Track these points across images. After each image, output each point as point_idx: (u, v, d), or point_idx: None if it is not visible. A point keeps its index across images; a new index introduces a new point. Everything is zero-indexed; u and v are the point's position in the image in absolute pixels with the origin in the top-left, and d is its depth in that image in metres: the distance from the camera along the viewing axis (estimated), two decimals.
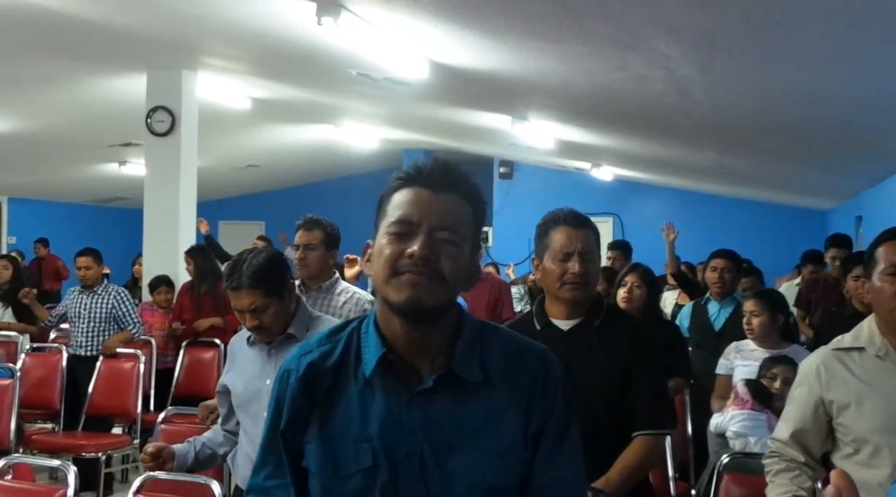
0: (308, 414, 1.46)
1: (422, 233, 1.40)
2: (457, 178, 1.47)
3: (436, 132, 11.21)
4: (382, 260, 1.41)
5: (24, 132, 9.40)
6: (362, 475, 1.41)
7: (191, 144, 7.25)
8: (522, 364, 1.48)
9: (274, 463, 1.50)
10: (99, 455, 5.32)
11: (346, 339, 1.50)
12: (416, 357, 1.44)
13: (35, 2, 5.18)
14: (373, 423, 1.42)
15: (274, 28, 5.48)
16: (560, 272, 2.44)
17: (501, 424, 1.43)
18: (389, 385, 1.43)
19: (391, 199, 1.46)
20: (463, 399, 1.43)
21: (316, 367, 1.48)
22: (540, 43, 5.18)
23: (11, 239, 13.40)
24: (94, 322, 5.95)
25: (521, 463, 1.44)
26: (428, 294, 1.38)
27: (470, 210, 1.47)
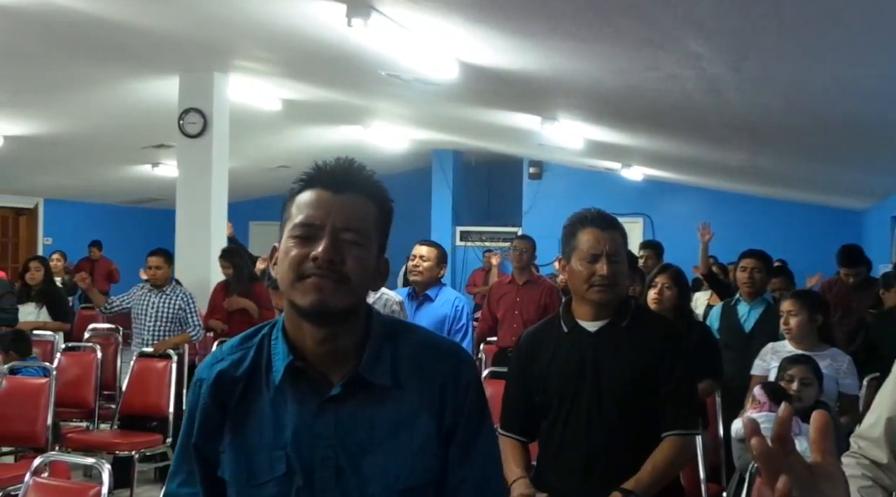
0: (220, 423, 1.46)
1: (325, 235, 1.39)
2: (358, 177, 1.45)
3: (465, 132, 11.21)
4: (287, 264, 1.40)
5: (60, 135, 9.53)
6: (277, 482, 1.42)
7: (222, 146, 7.31)
8: (433, 363, 1.47)
9: (187, 471, 1.50)
10: (132, 453, 5.38)
11: (258, 346, 1.49)
12: (325, 362, 1.43)
13: (71, 6, 5.25)
14: (286, 431, 1.42)
15: (304, 30, 5.51)
16: (587, 274, 2.42)
17: (414, 425, 1.43)
18: (300, 392, 1.43)
19: (294, 201, 1.45)
20: (374, 402, 1.42)
21: (226, 375, 1.47)
22: (570, 43, 5.16)
23: (48, 240, 13.59)
24: (161, 321, 6.04)
25: (435, 462, 1.44)
26: (332, 296, 1.37)
27: (374, 209, 1.45)
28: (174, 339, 6.04)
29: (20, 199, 13.33)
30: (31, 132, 9.34)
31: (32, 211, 13.74)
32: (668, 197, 13.53)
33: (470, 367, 1.51)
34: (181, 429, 1.52)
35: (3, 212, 13.44)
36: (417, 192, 14.23)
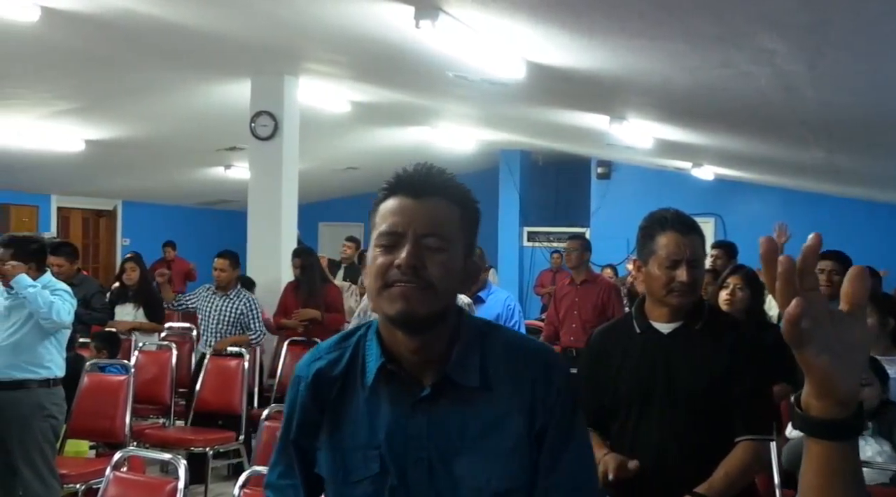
0: (318, 421, 1.50)
1: (408, 242, 1.40)
2: (438, 181, 1.46)
3: (532, 133, 11.17)
4: (373, 273, 1.42)
5: (137, 138, 9.81)
6: (371, 481, 1.45)
7: (292, 148, 7.42)
8: (524, 365, 1.47)
9: (286, 463, 1.55)
10: (206, 450, 5.50)
11: (354, 347, 1.51)
12: (416, 365, 1.45)
13: (147, 12, 5.40)
14: (380, 431, 1.45)
15: (372, 32, 5.56)
16: (667, 280, 2.37)
17: (505, 427, 1.43)
18: (393, 393, 1.45)
19: (378, 210, 1.47)
20: (464, 403, 1.44)
21: (324, 374, 1.50)
22: (639, 41, 5.10)
23: (126, 241, 13.99)
24: (223, 324, 6.19)
25: (527, 464, 1.44)
26: (418, 304, 1.38)
27: (458, 212, 1.46)
28: (233, 338, 6.16)
29: (100, 201, 13.76)
30: (111, 136, 9.63)
31: (112, 213, 14.16)
32: (740, 196, 13.26)
33: (560, 368, 1.50)
34: (283, 424, 1.57)
35: (85, 213, 13.88)
36: (485, 193, 14.07)
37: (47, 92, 7.82)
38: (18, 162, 10.09)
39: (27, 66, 6.93)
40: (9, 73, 7.14)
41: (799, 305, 0.85)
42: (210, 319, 6.22)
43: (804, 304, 0.85)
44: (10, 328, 4.43)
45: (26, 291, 4.30)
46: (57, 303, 4.39)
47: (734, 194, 13.26)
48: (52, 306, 4.36)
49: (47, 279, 4.55)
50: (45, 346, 4.47)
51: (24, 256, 4.44)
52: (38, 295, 4.32)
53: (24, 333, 4.42)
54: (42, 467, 4.41)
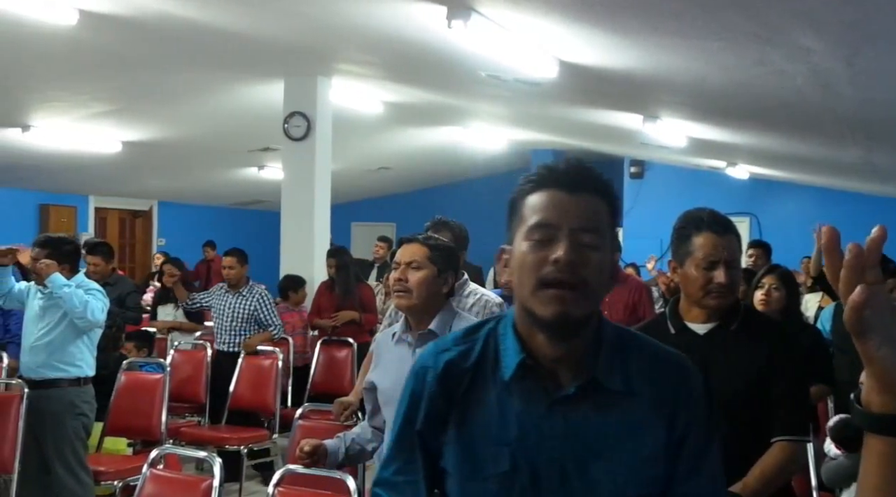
0: (446, 414, 1.44)
1: (563, 237, 1.35)
2: (591, 176, 1.42)
3: (564, 132, 11.13)
4: (526, 269, 1.37)
5: (172, 139, 9.92)
6: (500, 478, 1.39)
7: (325, 148, 7.46)
8: (664, 372, 1.43)
9: (404, 459, 1.49)
10: (241, 448, 5.54)
11: (484, 340, 1.46)
12: (556, 363, 1.41)
13: (182, 15, 5.46)
14: (512, 428, 1.39)
15: (405, 33, 5.58)
16: (704, 281, 2.34)
17: (643, 434, 1.39)
18: (528, 390, 1.40)
19: (525, 203, 1.42)
20: (605, 407, 1.39)
21: (454, 366, 1.45)
22: (673, 39, 5.06)
23: (161, 241, 14.15)
24: (238, 321, 6.24)
25: (663, 473, 1.39)
26: (574, 306, 1.34)
27: (606, 208, 1.41)
28: (258, 338, 6.20)
29: (136, 201, 13.93)
30: (146, 137, 9.75)
31: (147, 213, 14.33)
32: (775, 196, 13.10)
33: (699, 376, 1.47)
34: (399, 417, 1.51)
35: (122, 214, 14.06)
36: None
37: (85, 94, 7.94)
38: (58, 163, 10.26)
39: (66, 69, 7.04)
40: (48, 75, 7.26)
41: (863, 293, 0.84)
42: (224, 317, 6.27)
43: (868, 292, 0.84)
44: (44, 328, 4.50)
45: (62, 291, 4.35)
46: (91, 302, 4.45)
47: (769, 193, 13.11)
48: (88, 305, 4.41)
49: (80, 279, 4.61)
50: (77, 346, 4.53)
51: (58, 257, 4.50)
52: (73, 294, 4.38)
53: (58, 333, 4.49)
54: (74, 464, 4.47)
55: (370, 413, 2.96)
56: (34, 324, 4.53)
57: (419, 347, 2.77)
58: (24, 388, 4.36)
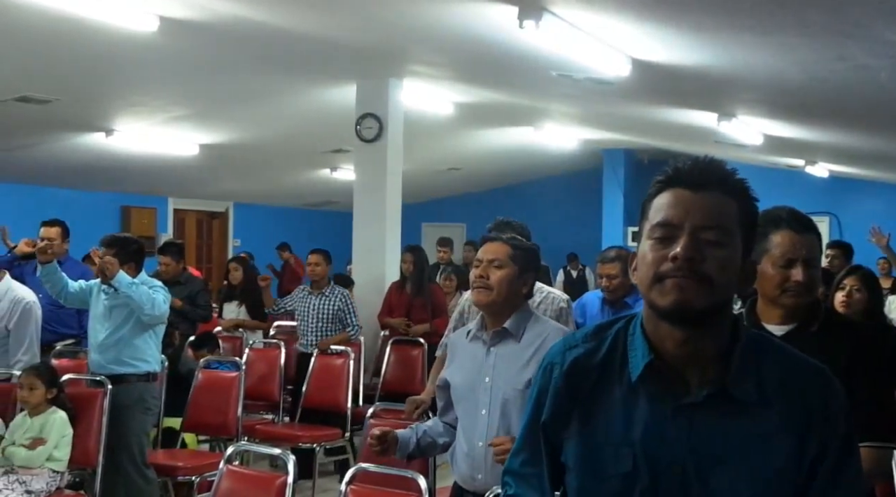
0: (570, 410, 1.45)
1: (684, 234, 1.35)
2: (718, 174, 1.40)
3: (636, 131, 11.00)
4: (646, 265, 1.37)
5: (248, 142, 10.12)
6: (621, 479, 1.39)
7: (396, 149, 7.52)
8: (801, 382, 1.38)
9: (531, 451, 1.51)
10: (314, 446, 5.62)
11: (613, 339, 1.46)
12: (684, 365, 1.38)
13: (256, 19, 5.57)
14: (636, 429, 1.39)
15: (476, 34, 5.58)
16: (781, 279, 2.29)
17: (773, 445, 1.35)
18: (655, 392, 1.39)
19: (652, 204, 1.42)
20: (733, 414, 1.36)
21: (581, 363, 1.46)
22: (749, 36, 4.95)
23: (236, 241, 14.45)
24: (322, 322, 6.34)
25: (791, 489, 1.34)
26: (694, 296, 1.32)
27: (736, 207, 1.39)
28: (335, 338, 6.28)
29: (213, 203, 14.25)
30: (222, 140, 9.97)
31: (223, 214, 14.64)
32: (856, 195, 12.71)
33: (838, 390, 1.41)
34: (527, 410, 1.53)
35: (199, 215, 14.40)
36: (587, 193, 14.07)
37: (165, 98, 8.16)
38: (139, 166, 10.56)
39: (146, 74, 7.25)
40: (130, 81, 7.49)
41: None
42: (308, 318, 6.36)
43: None
44: (111, 326, 4.63)
45: (129, 289, 4.47)
46: (157, 297, 4.58)
47: (850, 192, 12.73)
48: (154, 302, 4.53)
49: (143, 278, 4.73)
50: (144, 341, 4.66)
51: (123, 256, 4.62)
52: (139, 292, 4.50)
53: (126, 330, 4.61)
54: (139, 459, 4.59)
55: (442, 409, 2.96)
56: (101, 322, 4.66)
57: (493, 346, 2.76)
58: (108, 384, 4.49)
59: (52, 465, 4.16)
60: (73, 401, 4.40)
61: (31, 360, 4.73)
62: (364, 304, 7.17)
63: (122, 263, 4.55)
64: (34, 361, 4.72)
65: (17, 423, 4.27)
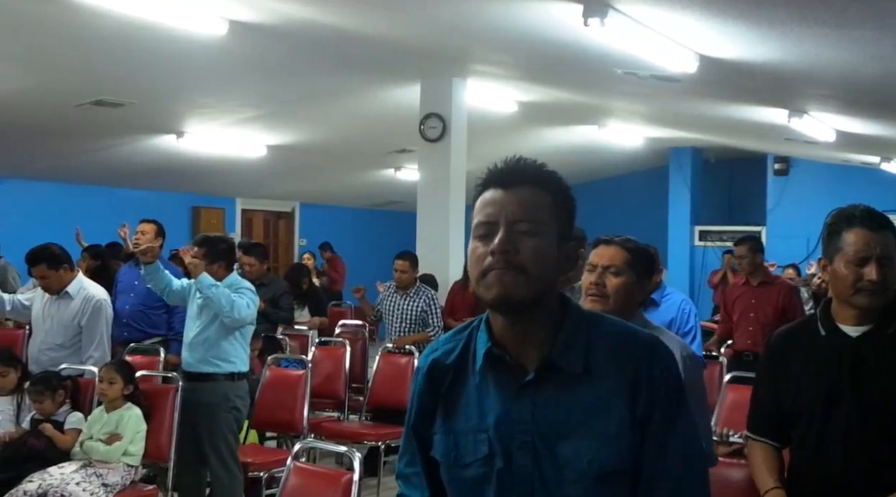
0: (433, 408, 1.58)
1: (501, 229, 1.46)
2: (528, 171, 1.51)
3: (703, 129, 10.82)
4: (472, 263, 1.49)
5: (313, 142, 10.25)
6: (480, 463, 1.51)
7: (460, 149, 7.53)
8: (627, 352, 1.50)
9: (411, 452, 1.64)
10: (379, 444, 5.66)
11: (467, 337, 1.58)
12: (521, 351, 1.50)
13: (322, 21, 5.63)
14: (488, 415, 1.51)
15: (540, 32, 5.56)
16: (854, 278, 2.23)
17: (607, 411, 1.47)
18: (500, 378, 1.51)
19: (476, 205, 1.54)
20: (568, 388, 1.48)
21: (439, 363, 1.59)
22: (822, 30, 4.83)
23: (302, 241, 14.64)
24: (406, 322, 6.38)
25: (628, 449, 1.47)
26: (513, 287, 1.44)
27: (549, 198, 1.50)
28: (414, 337, 6.31)
29: (280, 203, 14.46)
30: (289, 141, 10.12)
31: (290, 214, 14.85)
32: None
33: (664, 355, 1.52)
34: (406, 413, 1.66)
35: (266, 215, 14.64)
36: (654, 192, 13.88)
37: (233, 100, 8.32)
38: (208, 167, 10.79)
39: (216, 77, 7.40)
40: (200, 84, 7.65)
41: None
42: (393, 318, 6.41)
43: None
44: (200, 325, 4.72)
45: (209, 291, 4.55)
46: (238, 301, 4.63)
47: None
48: (234, 304, 4.60)
49: (233, 279, 4.81)
50: (230, 342, 4.73)
51: (213, 255, 4.72)
52: (220, 294, 4.57)
53: (213, 330, 4.69)
54: (227, 456, 4.67)
55: None
56: (193, 321, 4.77)
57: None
58: (180, 381, 4.59)
59: (127, 460, 4.27)
60: (146, 397, 4.50)
61: (102, 356, 4.86)
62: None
63: (212, 262, 4.65)
64: (105, 358, 4.85)
65: (94, 418, 4.39)
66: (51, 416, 4.40)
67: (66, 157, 10.07)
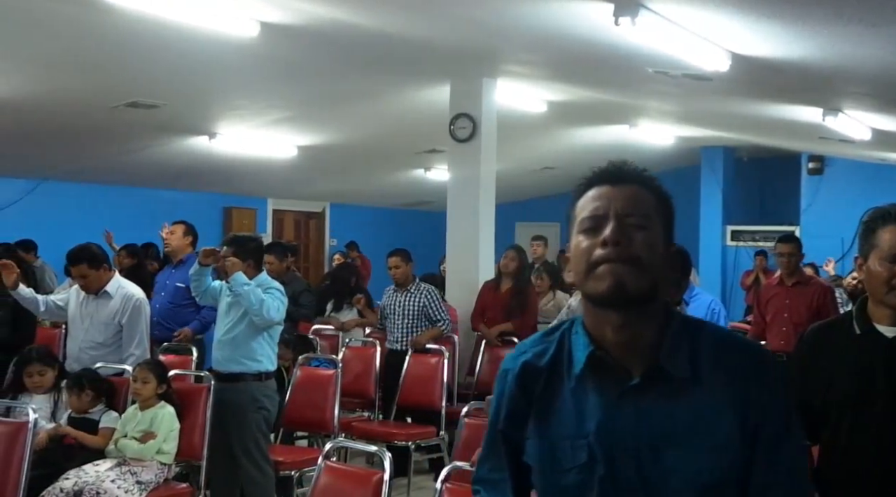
0: (526, 412, 1.53)
1: (611, 220, 1.44)
2: (635, 171, 1.52)
3: (735, 128, 10.72)
4: (578, 257, 1.46)
5: (343, 143, 10.29)
6: (579, 470, 1.46)
7: (490, 149, 7.52)
8: (736, 360, 1.46)
9: (495, 457, 1.60)
10: (409, 443, 5.68)
11: (559, 340, 1.55)
12: (625, 354, 1.46)
13: (354, 22, 5.65)
14: (588, 421, 1.46)
15: (570, 31, 5.54)
16: (888, 276, 2.21)
17: (716, 419, 1.42)
18: (600, 383, 1.47)
19: (577, 203, 1.53)
20: (674, 394, 1.43)
21: (531, 366, 1.54)
22: (858, 27, 4.76)
23: (333, 241, 14.71)
24: (408, 319, 6.39)
25: (738, 459, 1.42)
26: (628, 278, 1.40)
27: (654, 199, 1.50)
28: (427, 334, 6.30)
29: (310, 203, 14.54)
30: (319, 142, 10.17)
31: (320, 214, 14.93)
32: None
33: (774, 365, 1.49)
34: (489, 418, 1.62)
35: (297, 216, 14.72)
36: (685, 191, 13.72)
37: (264, 101, 8.37)
38: (240, 168, 10.87)
39: (247, 79, 7.46)
40: (232, 85, 7.71)
41: None
42: (396, 316, 6.42)
43: None
44: (228, 324, 4.77)
45: (241, 289, 4.60)
46: (268, 301, 4.67)
47: None
48: (264, 304, 4.63)
49: (263, 278, 4.85)
50: (258, 342, 4.77)
51: (243, 254, 4.76)
52: (251, 293, 4.61)
53: (241, 330, 4.74)
54: (257, 455, 4.71)
55: None
56: (222, 320, 4.82)
57: None
58: (212, 380, 4.63)
59: (160, 458, 4.32)
60: (179, 396, 4.55)
61: (143, 354, 4.92)
62: (457, 303, 7.19)
63: (242, 261, 4.70)
64: (145, 355, 4.92)
65: (128, 416, 4.45)
66: (86, 414, 4.46)
67: (100, 158, 10.19)
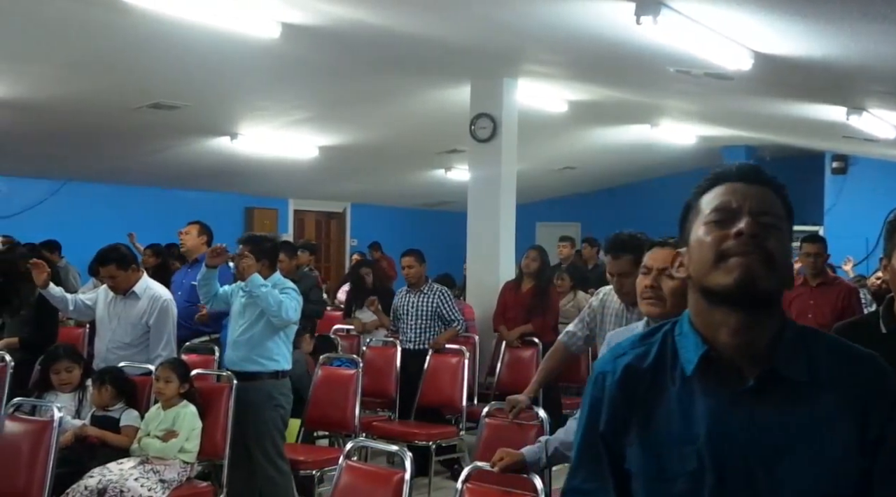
0: (628, 417, 1.44)
1: (744, 215, 1.37)
2: (763, 173, 1.45)
3: (758, 127, 10.63)
4: (704, 249, 1.38)
5: (364, 143, 10.32)
6: (687, 478, 1.37)
7: (510, 149, 7.51)
8: (853, 368, 1.39)
9: (591, 466, 1.49)
10: (429, 443, 5.68)
11: (661, 342, 1.46)
12: (738, 356, 1.38)
13: (372, 22, 5.67)
14: (696, 425, 1.37)
15: (591, 31, 5.52)
16: None
17: (833, 429, 1.34)
18: (710, 386, 1.38)
19: (702, 199, 1.45)
20: (790, 401, 1.35)
21: (632, 369, 1.45)
22: (882, 25, 4.72)
23: (353, 241, 14.75)
24: (421, 319, 6.40)
25: (856, 472, 1.34)
26: (760, 273, 1.33)
27: (783, 207, 1.43)
28: (445, 336, 6.31)
29: (331, 203, 14.59)
30: (340, 142, 10.20)
31: (341, 214, 14.98)
32: None
33: (893, 377, 1.41)
34: (581, 424, 1.51)
35: (318, 216, 14.78)
36: None
37: (286, 102, 8.41)
38: (262, 169, 10.93)
39: (269, 80, 7.49)
40: (254, 86, 7.76)
41: None
42: (409, 317, 6.42)
43: None
44: (244, 324, 4.80)
45: (259, 290, 4.62)
46: (286, 302, 4.70)
47: None
48: (282, 305, 4.66)
49: (277, 278, 4.88)
50: (274, 341, 4.79)
51: (258, 254, 4.79)
52: (269, 294, 4.64)
53: (257, 330, 4.76)
54: (273, 453, 4.73)
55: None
56: (236, 320, 4.85)
57: None
58: (234, 379, 4.66)
59: (183, 457, 4.35)
60: (201, 395, 4.58)
61: (170, 354, 4.96)
62: (478, 303, 7.19)
63: (257, 261, 4.72)
64: (172, 356, 4.95)
65: (151, 415, 4.48)
66: (106, 412, 4.49)
67: (123, 159, 10.28)
